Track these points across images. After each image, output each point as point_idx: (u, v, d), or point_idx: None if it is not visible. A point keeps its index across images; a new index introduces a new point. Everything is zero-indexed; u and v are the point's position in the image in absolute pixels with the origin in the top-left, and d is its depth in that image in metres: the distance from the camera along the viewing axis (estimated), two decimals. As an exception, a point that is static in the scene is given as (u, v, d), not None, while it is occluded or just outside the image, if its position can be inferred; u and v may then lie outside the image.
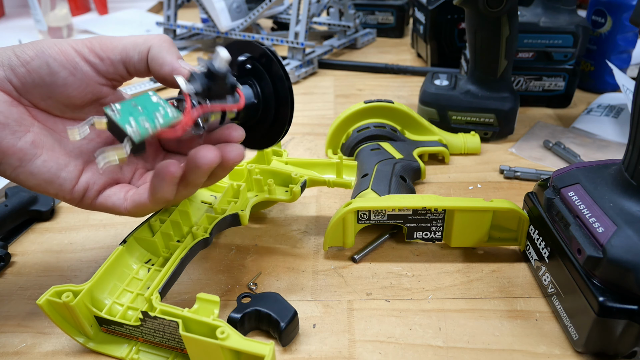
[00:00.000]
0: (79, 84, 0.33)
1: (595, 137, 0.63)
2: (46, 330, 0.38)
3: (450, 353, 0.35)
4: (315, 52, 0.89)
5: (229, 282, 0.42)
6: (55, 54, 0.32)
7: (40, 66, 0.32)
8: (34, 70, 0.32)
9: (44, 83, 0.32)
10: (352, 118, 0.58)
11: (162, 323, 0.32)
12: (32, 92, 0.33)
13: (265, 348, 0.30)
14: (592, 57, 0.74)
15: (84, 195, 0.35)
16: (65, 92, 0.33)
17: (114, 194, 0.36)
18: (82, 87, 0.34)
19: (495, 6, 0.53)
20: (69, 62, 0.33)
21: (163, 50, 0.34)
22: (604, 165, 0.39)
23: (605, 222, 0.33)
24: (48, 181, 0.33)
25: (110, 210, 0.36)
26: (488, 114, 0.61)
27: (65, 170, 0.34)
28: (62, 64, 0.32)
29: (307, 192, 0.54)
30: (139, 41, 0.34)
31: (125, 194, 0.36)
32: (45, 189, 0.34)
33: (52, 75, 0.32)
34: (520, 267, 0.43)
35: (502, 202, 0.41)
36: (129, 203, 0.35)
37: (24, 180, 0.33)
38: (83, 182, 0.35)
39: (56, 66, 0.32)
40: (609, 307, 0.31)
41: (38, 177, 0.33)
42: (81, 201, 0.36)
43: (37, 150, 0.33)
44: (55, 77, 0.32)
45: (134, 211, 0.35)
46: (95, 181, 0.36)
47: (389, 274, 0.43)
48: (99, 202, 0.36)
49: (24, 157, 0.32)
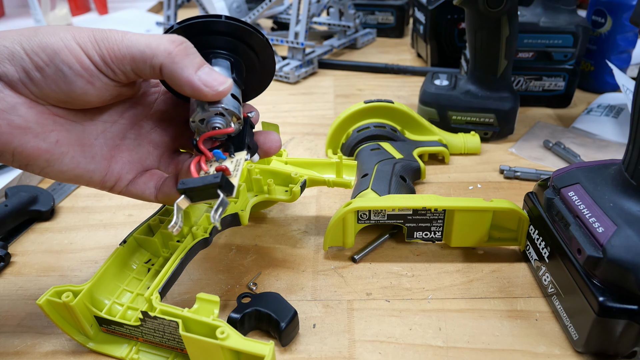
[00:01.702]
0: (98, 92, 0.32)
1: (595, 137, 0.63)
2: (46, 331, 0.38)
3: (450, 353, 0.35)
4: (315, 52, 0.89)
5: (229, 282, 0.42)
6: (68, 60, 0.30)
7: (56, 73, 0.30)
8: (49, 77, 0.30)
9: (60, 90, 0.30)
10: (352, 118, 0.58)
11: (162, 323, 0.32)
12: (49, 96, 0.31)
13: (265, 348, 0.30)
14: (592, 57, 0.74)
15: (115, 184, 0.35)
16: (84, 99, 0.31)
17: (144, 184, 0.36)
18: (101, 94, 0.32)
19: (495, 6, 0.53)
20: (85, 71, 0.30)
21: (176, 68, 0.30)
22: (604, 165, 0.39)
23: (605, 222, 0.33)
24: (78, 176, 0.33)
25: (140, 199, 0.36)
26: (488, 114, 0.61)
27: (93, 163, 0.34)
28: (79, 73, 0.30)
29: (307, 192, 0.54)
30: (147, 53, 0.30)
31: (156, 184, 0.36)
32: (76, 182, 0.34)
33: (69, 84, 0.30)
34: (520, 267, 0.43)
35: (502, 202, 0.41)
36: (161, 194, 0.35)
37: (54, 177, 0.33)
38: (115, 172, 0.35)
39: (72, 75, 0.30)
40: (609, 307, 0.31)
41: (68, 174, 0.33)
42: (112, 189, 0.35)
43: (63, 149, 0.32)
44: (73, 86, 0.30)
45: (165, 201, 0.36)
46: (128, 171, 0.35)
47: (389, 274, 0.43)
48: (130, 190, 0.36)
49: (51, 157, 0.32)
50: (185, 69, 0.30)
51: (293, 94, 0.80)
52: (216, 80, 0.31)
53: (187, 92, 0.31)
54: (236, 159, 0.33)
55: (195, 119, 0.33)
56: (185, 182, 0.30)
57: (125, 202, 0.53)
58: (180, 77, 0.30)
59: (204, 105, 0.32)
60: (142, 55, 0.30)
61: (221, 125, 0.33)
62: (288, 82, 0.84)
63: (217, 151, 0.33)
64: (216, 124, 0.33)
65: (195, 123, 0.33)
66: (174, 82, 0.31)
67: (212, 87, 0.31)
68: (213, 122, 0.33)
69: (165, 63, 0.30)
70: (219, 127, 0.33)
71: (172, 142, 0.38)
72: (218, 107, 0.32)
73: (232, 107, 0.33)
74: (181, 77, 0.30)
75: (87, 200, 0.54)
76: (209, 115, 0.33)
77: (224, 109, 0.32)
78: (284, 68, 0.83)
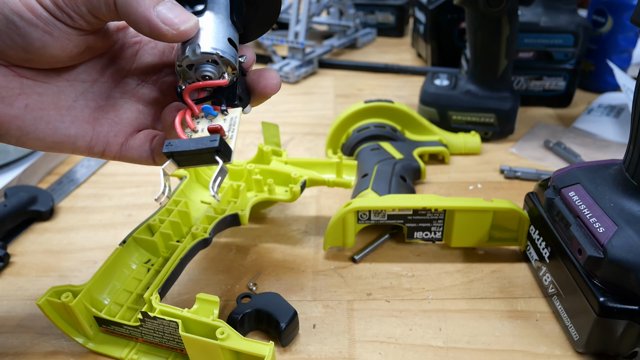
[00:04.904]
0: (60, 44, 0.27)
1: (596, 137, 0.63)
2: (45, 331, 0.38)
3: (450, 353, 0.35)
4: (315, 52, 0.89)
5: (229, 282, 0.42)
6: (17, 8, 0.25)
7: (7, 26, 0.26)
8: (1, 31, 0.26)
9: (17, 45, 0.26)
10: (352, 118, 0.58)
11: (161, 323, 0.32)
12: (7, 55, 0.27)
13: (265, 348, 0.30)
14: (593, 57, 0.74)
15: (105, 149, 0.32)
16: (47, 53, 0.27)
17: (139, 147, 0.32)
18: (64, 45, 0.27)
19: (496, 6, 0.53)
20: (39, 19, 0.26)
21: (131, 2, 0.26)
22: (604, 165, 0.39)
23: (605, 222, 0.33)
24: (59, 142, 0.30)
25: (138, 163, 0.33)
26: (488, 113, 0.61)
27: (74, 127, 0.30)
28: (32, 22, 0.26)
29: (307, 192, 0.54)
30: None
31: (151, 144, 0.32)
32: (59, 151, 0.31)
33: (24, 37, 0.26)
34: (521, 268, 0.43)
35: (503, 202, 0.41)
36: (157, 156, 0.32)
37: (33, 146, 0.30)
38: (101, 136, 0.31)
39: (25, 26, 0.26)
40: (610, 307, 0.31)
41: (47, 141, 0.30)
42: (104, 155, 0.32)
43: (35, 113, 0.28)
44: (29, 39, 0.26)
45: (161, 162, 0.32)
46: (116, 133, 0.32)
47: (389, 274, 0.43)
48: (125, 155, 0.32)
49: (22, 124, 0.28)
50: (141, 4, 0.26)
51: (293, 93, 0.80)
52: (178, 16, 0.27)
53: (144, 31, 0.26)
54: (230, 116, 0.29)
55: (183, 63, 0.28)
56: (173, 144, 0.26)
57: (125, 202, 0.53)
58: (136, 12, 0.26)
59: (195, 49, 0.27)
60: None
61: (212, 74, 0.28)
62: (288, 82, 0.84)
63: (207, 106, 0.29)
64: (207, 72, 0.28)
65: (182, 67, 0.28)
66: (130, 20, 0.26)
67: (173, 25, 0.26)
68: (203, 69, 0.28)
69: None
70: (209, 76, 0.28)
71: (163, 97, 0.33)
72: (212, 52, 0.27)
73: (228, 55, 0.28)
74: (136, 12, 0.26)
75: (87, 200, 0.54)
76: (200, 61, 0.28)
77: (219, 57, 0.27)
78: (284, 68, 0.83)
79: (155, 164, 0.32)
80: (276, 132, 0.47)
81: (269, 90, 0.31)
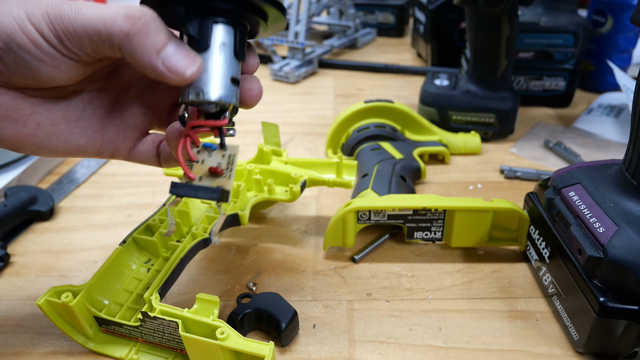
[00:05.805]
0: (67, 74, 0.28)
1: (596, 137, 0.63)
2: (45, 331, 0.38)
3: (450, 353, 0.35)
4: (315, 52, 0.89)
5: (229, 282, 0.42)
6: (25, 45, 0.26)
7: (16, 60, 0.26)
8: (10, 64, 0.26)
9: (25, 77, 0.27)
10: (352, 118, 0.58)
11: (161, 323, 0.32)
12: (17, 82, 0.28)
13: (265, 348, 0.30)
14: (593, 57, 0.74)
15: (114, 154, 0.33)
16: (53, 82, 0.28)
17: (146, 151, 0.33)
18: (71, 75, 0.28)
19: (496, 5, 0.53)
20: (46, 55, 0.26)
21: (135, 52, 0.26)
22: (604, 165, 0.39)
23: (606, 222, 0.33)
24: (71, 152, 0.32)
25: (147, 164, 0.34)
26: (488, 113, 0.61)
27: (84, 137, 0.31)
28: (39, 58, 0.26)
29: (307, 192, 0.54)
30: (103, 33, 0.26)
31: (157, 147, 0.33)
32: (72, 157, 0.33)
33: (32, 70, 0.27)
34: (521, 268, 0.43)
35: (503, 202, 0.41)
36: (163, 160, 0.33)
37: (49, 156, 0.31)
38: (109, 143, 0.33)
39: (33, 61, 0.26)
40: (610, 307, 0.31)
41: (60, 152, 0.31)
42: (114, 157, 0.34)
43: (47, 130, 0.30)
44: (37, 72, 0.27)
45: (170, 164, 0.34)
46: (123, 139, 0.33)
47: (389, 274, 0.43)
48: (134, 158, 0.34)
49: (36, 141, 0.30)
50: (146, 53, 0.26)
51: (293, 93, 0.80)
52: (182, 62, 0.27)
53: (150, 76, 0.27)
54: (228, 153, 0.30)
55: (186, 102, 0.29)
56: (179, 187, 0.29)
57: (125, 202, 0.53)
58: (141, 59, 0.26)
59: (198, 93, 0.28)
60: (99, 36, 0.26)
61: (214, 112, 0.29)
62: (288, 82, 0.84)
63: (207, 144, 0.30)
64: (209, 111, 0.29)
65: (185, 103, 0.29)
66: (135, 65, 0.27)
67: (178, 72, 0.26)
68: (206, 108, 0.29)
69: (123, 45, 0.26)
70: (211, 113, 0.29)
71: (168, 99, 0.34)
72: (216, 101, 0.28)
73: (230, 98, 0.29)
74: (142, 60, 0.26)
75: (87, 200, 0.54)
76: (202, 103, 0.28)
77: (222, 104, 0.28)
78: (284, 68, 0.83)
79: (162, 166, 0.34)
80: (276, 132, 0.47)
81: (249, 101, 0.31)
